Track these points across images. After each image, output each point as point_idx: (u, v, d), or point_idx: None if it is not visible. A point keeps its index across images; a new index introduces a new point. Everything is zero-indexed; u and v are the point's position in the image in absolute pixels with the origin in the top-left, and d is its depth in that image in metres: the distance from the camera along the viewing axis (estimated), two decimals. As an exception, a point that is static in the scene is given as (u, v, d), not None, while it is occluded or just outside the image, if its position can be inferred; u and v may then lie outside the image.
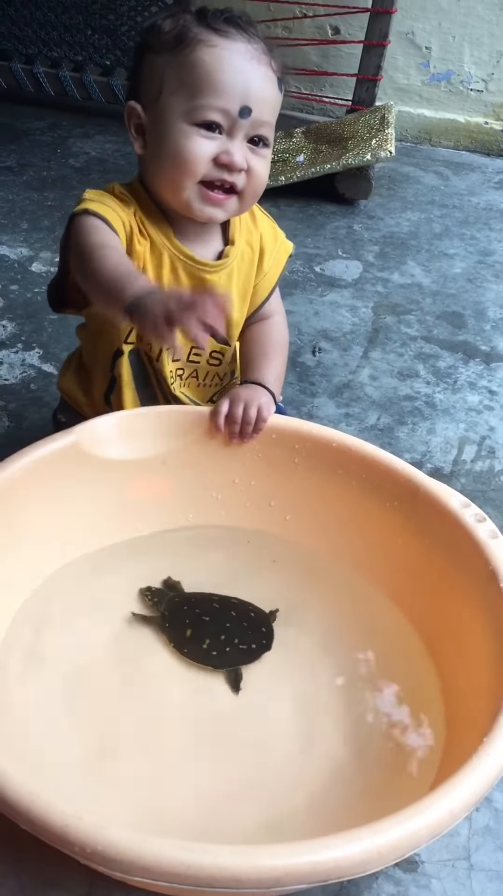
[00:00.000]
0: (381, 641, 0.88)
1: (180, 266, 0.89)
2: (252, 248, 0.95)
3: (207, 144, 0.81)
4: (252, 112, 0.81)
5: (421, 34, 2.28)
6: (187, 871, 0.54)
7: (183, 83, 0.81)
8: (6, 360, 1.34)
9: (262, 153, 0.85)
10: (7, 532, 0.83)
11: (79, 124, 2.26)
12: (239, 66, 0.80)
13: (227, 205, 0.85)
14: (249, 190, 0.85)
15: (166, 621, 0.87)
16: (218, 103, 0.80)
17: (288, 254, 0.99)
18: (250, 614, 0.90)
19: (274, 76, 0.83)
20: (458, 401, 1.36)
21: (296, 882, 0.55)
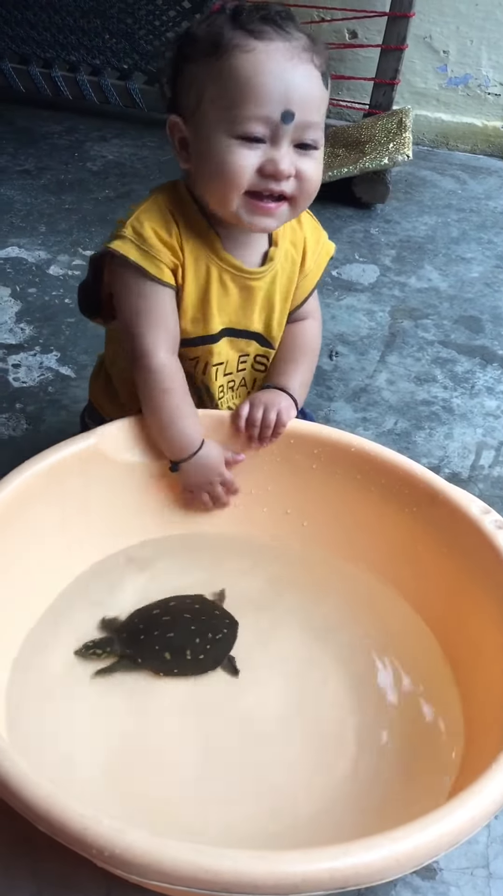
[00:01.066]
0: (400, 647, 0.87)
1: (228, 277, 0.87)
2: (296, 247, 0.92)
3: (251, 156, 0.77)
4: (296, 116, 0.76)
5: (438, 38, 2.27)
6: (205, 876, 0.54)
7: (221, 93, 0.77)
8: (24, 362, 1.35)
9: (312, 155, 0.80)
10: (25, 535, 0.84)
11: (96, 128, 2.27)
12: (277, 69, 0.75)
13: (278, 213, 0.81)
14: (301, 195, 0.81)
15: (138, 657, 0.84)
16: (258, 112, 0.76)
17: (329, 255, 0.96)
18: (195, 607, 0.90)
19: (317, 73, 0.77)
20: (476, 405, 1.35)
21: (313, 889, 0.55)
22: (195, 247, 0.85)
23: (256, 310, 0.91)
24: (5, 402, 1.25)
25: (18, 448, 1.16)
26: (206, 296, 0.87)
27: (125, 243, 0.83)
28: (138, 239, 0.83)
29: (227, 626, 0.88)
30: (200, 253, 0.86)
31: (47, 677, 0.82)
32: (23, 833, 0.67)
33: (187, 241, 0.85)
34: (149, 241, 0.83)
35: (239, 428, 0.92)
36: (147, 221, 0.84)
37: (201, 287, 0.87)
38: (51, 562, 0.88)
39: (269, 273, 0.90)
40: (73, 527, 0.90)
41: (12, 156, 2.08)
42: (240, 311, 0.90)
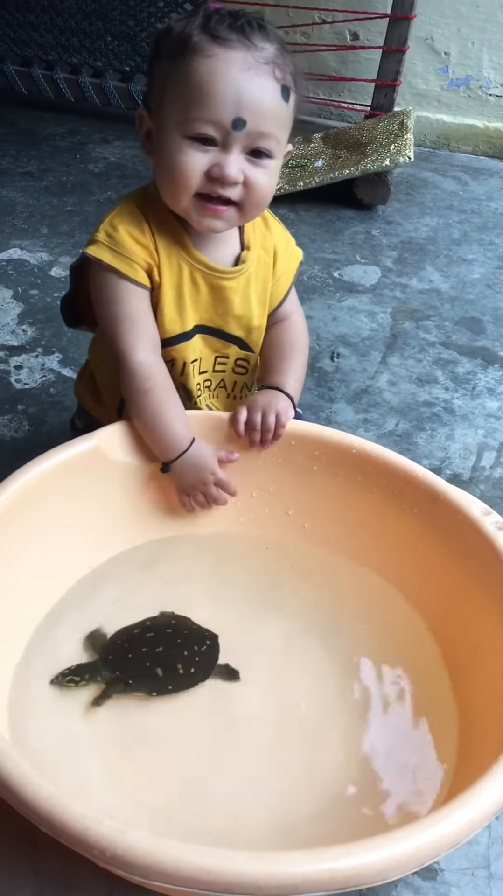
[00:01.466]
0: (400, 648, 0.88)
1: (199, 276, 0.88)
2: (267, 252, 0.94)
3: (200, 158, 0.79)
4: (247, 123, 0.78)
5: (440, 39, 2.27)
6: (206, 877, 0.54)
7: (178, 94, 0.78)
8: (26, 364, 1.35)
9: (264, 164, 0.81)
10: (27, 536, 0.84)
11: (98, 130, 2.28)
12: (232, 77, 0.76)
13: (225, 216, 0.83)
14: (249, 202, 0.82)
15: (128, 678, 0.82)
16: (209, 116, 0.77)
17: (298, 260, 0.98)
18: (173, 622, 0.88)
19: (276, 85, 0.78)
20: (477, 407, 1.35)
21: (314, 889, 0.55)
22: (168, 244, 0.87)
23: (231, 312, 0.91)
24: (7, 404, 1.26)
25: (20, 449, 1.16)
26: (180, 293, 0.88)
27: (99, 248, 0.85)
28: (111, 242, 0.85)
29: (208, 636, 0.87)
30: (172, 250, 0.87)
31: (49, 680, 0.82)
32: (25, 833, 0.67)
33: (160, 239, 0.86)
34: (122, 243, 0.85)
35: (239, 432, 0.92)
36: (120, 224, 0.85)
37: (175, 284, 0.88)
38: (52, 563, 0.89)
39: (242, 275, 0.91)
40: (75, 528, 0.90)
41: (14, 158, 2.08)
42: (211, 309, 0.91)
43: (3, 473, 0.84)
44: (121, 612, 0.89)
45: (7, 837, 0.73)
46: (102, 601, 0.90)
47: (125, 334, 0.86)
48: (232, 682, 0.84)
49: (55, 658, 0.84)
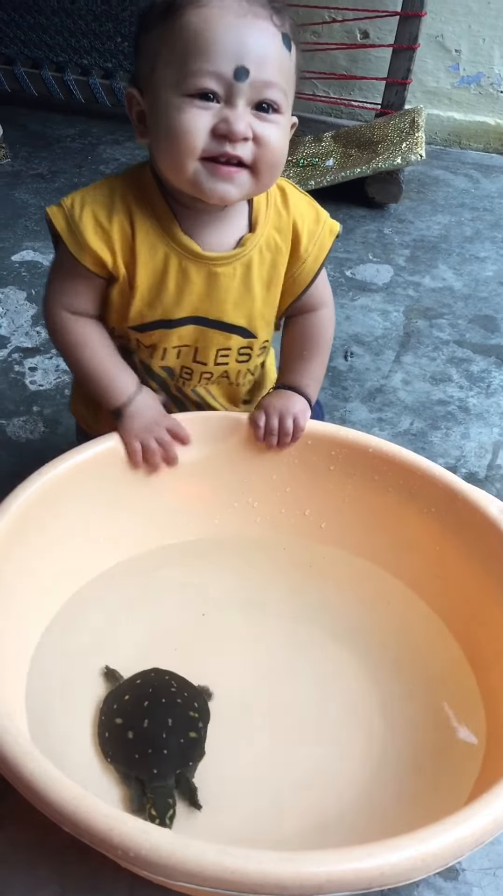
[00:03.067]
0: (419, 648, 0.87)
1: (189, 264, 0.83)
2: (281, 233, 0.86)
3: (203, 115, 0.72)
4: (250, 73, 0.71)
5: (450, 37, 2.26)
6: (231, 877, 0.54)
7: (172, 52, 0.72)
8: (41, 366, 1.36)
9: (272, 119, 0.74)
10: (44, 537, 0.84)
11: (109, 131, 2.28)
12: (230, 23, 0.71)
13: (237, 179, 0.75)
14: (262, 162, 0.75)
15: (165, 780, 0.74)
16: (209, 67, 0.71)
17: (334, 234, 0.89)
18: (163, 700, 0.80)
19: (276, 31, 0.72)
20: (492, 405, 1.35)
21: (338, 889, 0.55)
22: (150, 231, 0.82)
23: (229, 300, 0.86)
24: (23, 405, 1.26)
25: (36, 450, 1.17)
26: (162, 282, 0.83)
27: (59, 212, 0.81)
28: (71, 216, 0.81)
29: (198, 699, 0.81)
30: (157, 239, 0.82)
31: (68, 676, 0.82)
32: (47, 833, 0.68)
33: (141, 226, 0.81)
34: (81, 224, 0.80)
35: (258, 437, 0.92)
36: (90, 204, 0.81)
37: (157, 273, 0.83)
38: (70, 564, 0.89)
39: (240, 260, 0.84)
40: (92, 530, 0.90)
41: (26, 160, 2.09)
42: (206, 299, 0.85)
43: (20, 474, 0.84)
44: (135, 615, 0.90)
45: (30, 838, 0.73)
46: (117, 602, 0.90)
47: (55, 293, 0.85)
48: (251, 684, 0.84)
49: (69, 660, 0.84)
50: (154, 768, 0.74)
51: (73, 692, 0.81)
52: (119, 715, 0.79)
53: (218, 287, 0.85)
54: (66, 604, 0.89)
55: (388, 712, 0.82)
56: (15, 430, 1.21)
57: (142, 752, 0.75)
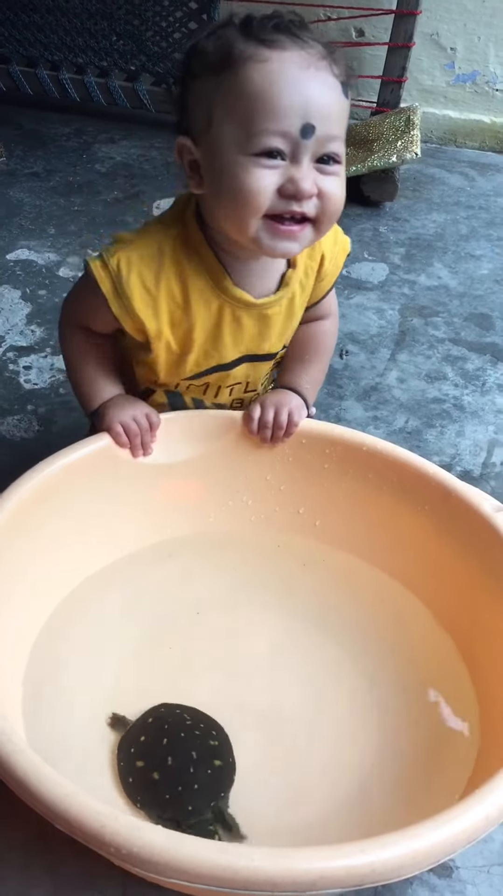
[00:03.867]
0: (413, 645, 0.88)
1: (242, 312, 0.84)
2: (313, 259, 0.87)
3: (269, 175, 0.71)
4: (317, 129, 0.70)
5: (446, 35, 2.26)
6: (223, 874, 0.54)
7: (234, 109, 0.71)
8: (35, 364, 1.35)
9: (334, 171, 0.74)
10: (38, 535, 0.84)
11: (104, 130, 2.28)
12: (294, 79, 0.69)
13: (301, 236, 0.75)
14: (324, 215, 0.75)
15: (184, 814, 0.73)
16: (276, 127, 0.69)
17: (346, 252, 0.90)
18: (182, 735, 0.78)
19: (336, 82, 0.71)
20: (487, 403, 1.35)
21: (331, 886, 0.55)
22: (204, 288, 0.82)
23: (276, 333, 0.88)
24: (17, 404, 1.26)
25: (30, 449, 1.16)
26: (218, 332, 0.85)
27: (106, 274, 0.80)
28: (118, 278, 0.80)
29: (214, 727, 0.80)
30: (211, 294, 0.82)
31: (63, 677, 0.82)
32: (40, 831, 0.68)
33: (193, 284, 0.82)
34: (128, 288, 0.80)
35: (251, 430, 0.92)
36: (137, 265, 0.80)
37: (213, 324, 0.84)
38: (64, 563, 0.89)
39: (286, 297, 0.86)
40: (85, 527, 0.90)
41: (21, 158, 2.08)
42: (257, 338, 0.87)
43: (15, 473, 0.84)
44: (129, 614, 0.90)
45: (23, 835, 0.73)
46: (112, 601, 0.91)
47: (76, 310, 0.88)
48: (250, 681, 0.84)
49: (64, 659, 0.84)
50: (189, 805, 0.72)
51: (68, 693, 0.81)
52: (139, 758, 0.76)
53: (268, 326, 0.87)
54: (61, 603, 0.89)
55: (383, 709, 0.82)
56: (9, 429, 1.21)
57: (172, 791, 0.73)
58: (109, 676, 0.83)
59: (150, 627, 0.89)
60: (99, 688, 0.82)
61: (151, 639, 0.88)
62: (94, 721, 0.79)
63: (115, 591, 0.91)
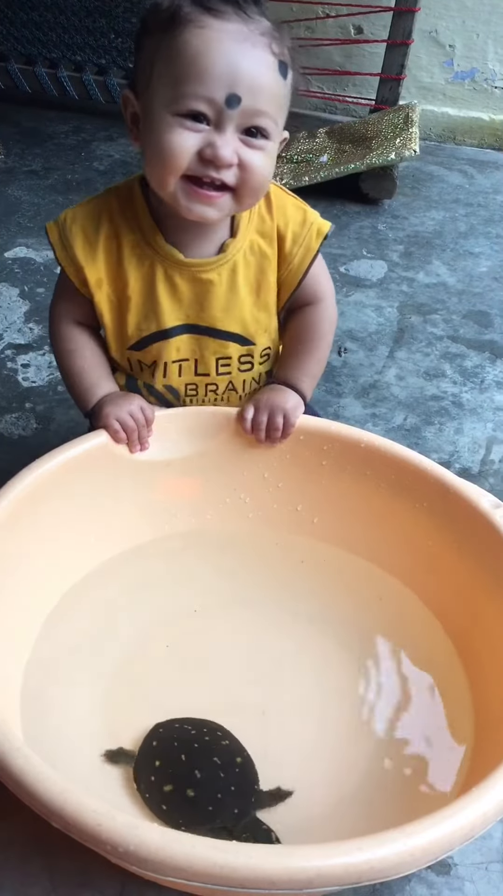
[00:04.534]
0: (411, 641, 0.87)
1: (175, 272, 0.85)
2: (265, 237, 0.86)
3: (191, 137, 0.73)
4: (242, 100, 0.72)
5: (444, 32, 2.26)
6: (220, 872, 0.54)
7: (168, 69, 0.72)
8: (33, 362, 1.35)
9: (260, 145, 0.75)
10: (35, 533, 0.84)
11: (102, 128, 2.28)
12: (227, 50, 0.71)
13: (219, 203, 0.77)
14: (246, 186, 0.76)
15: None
16: (201, 91, 0.71)
17: (321, 235, 0.88)
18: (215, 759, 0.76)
19: (273, 60, 0.73)
20: (486, 400, 1.35)
21: (328, 884, 0.55)
22: (136, 244, 0.85)
23: (218, 306, 0.87)
24: (15, 402, 1.26)
25: (28, 447, 1.16)
26: (152, 292, 0.86)
27: (55, 226, 0.86)
28: (63, 228, 0.85)
29: (218, 728, 0.79)
30: (144, 250, 0.85)
31: (60, 675, 0.82)
32: (38, 830, 0.68)
33: (127, 240, 0.84)
34: (71, 236, 0.84)
35: (245, 430, 0.92)
36: (80, 219, 0.85)
37: (147, 284, 0.85)
38: (61, 560, 0.89)
39: (224, 265, 0.85)
40: (83, 524, 0.90)
41: (19, 156, 2.08)
42: (195, 305, 0.87)
43: (12, 471, 0.83)
44: (126, 611, 0.90)
45: (21, 834, 0.73)
46: (109, 598, 0.90)
47: (58, 303, 0.91)
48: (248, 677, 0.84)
49: (61, 656, 0.84)
50: (234, 808, 0.72)
51: (65, 691, 0.81)
52: (166, 783, 0.74)
53: (205, 293, 0.86)
54: (59, 601, 0.89)
55: (381, 707, 0.82)
56: (7, 427, 1.21)
57: (212, 801, 0.72)
58: (106, 674, 0.83)
59: (147, 625, 0.89)
60: (96, 686, 0.82)
61: (149, 636, 0.87)
62: (92, 720, 0.79)
63: (111, 589, 0.91)
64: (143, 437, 0.90)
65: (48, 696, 0.80)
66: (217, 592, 0.92)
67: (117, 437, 0.89)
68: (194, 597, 0.92)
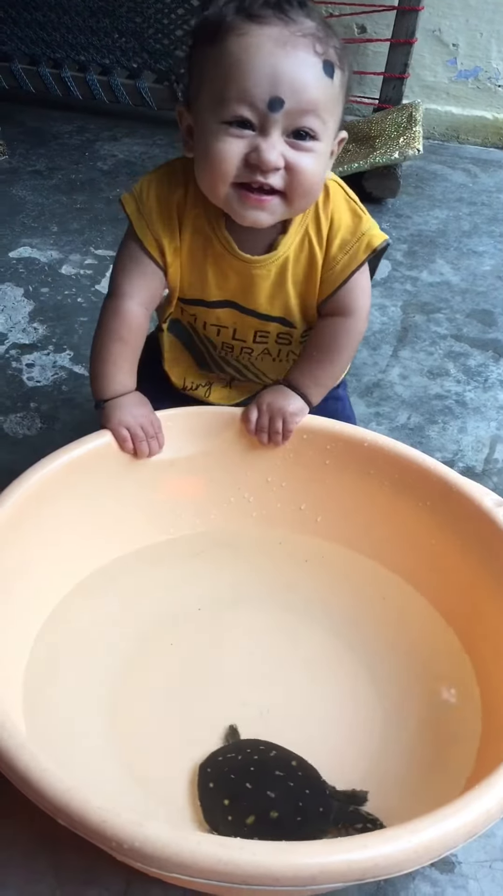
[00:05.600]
0: (416, 640, 0.88)
1: (225, 260, 0.86)
2: (318, 235, 0.86)
3: (236, 144, 0.74)
4: (286, 103, 0.72)
5: (448, 31, 2.26)
6: (224, 868, 0.54)
7: (212, 78, 0.74)
8: (38, 362, 1.36)
9: (308, 147, 0.75)
10: (39, 533, 0.84)
11: (106, 128, 2.28)
12: (267, 53, 0.71)
13: (269, 206, 0.78)
14: (295, 190, 0.77)
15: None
16: (244, 96, 0.72)
17: (371, 248, 0.86)
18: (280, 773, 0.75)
19: (317, 60, 0.73)
20: (489, 399, 1.35)
21: (331, 880, 0.55)
22: (198, 217, 0.85)
23: (263, 295, 0.88)
24: (20, 402, 1.26)
25: (33, 447, 1.17)
26: (202, 268, 0.87)
27: (129, 201, 0.86)
28: (139, 202, 0.85)
29: (249, 743, 0.78)
30: (204, 227, 0.85)
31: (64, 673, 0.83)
32: (43, 827, 0.68)
33: (192, 211, 0.85)
34: (148, 208, 0.85)
35: (249, 431, 0.93)
36: (154, 185, 0.85)
37: (198, 258, 0.87)
38: (66, 560, 0.89)
39: (274, 262, 0.86)
40: (87, 525, 0.90)
41: (23, 156, 2.09)
42: (239, 291, 0.89)
43: (17, 471, 0.84)
44: (131, 611, 0.90)
45: (27, 832, 0.73)
46: (113, 598, 0.91)
47: (127, 280, 0.88)
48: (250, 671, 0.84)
49: (65, 657, 0.84)
50: (319, 808, 0.71)
51: (68, 689, 0.81)
52: (245, 816, 0.70)
53: (251, 285, 0.88)
54: (63, 600, 0.89)
55: (385, 704, 0.82)
56: (12, 427, 1.21)
57: (298, 813, 0.71)
58: (111, 674, 0.83)
59: (151, 624, 0.89)
60: (100, 685, 0.82)
61: (153, 636, 0.88)
62: (97, 718, 0.79)
63: (116, 589, 0.91)
64: (152, 448, 0.91)
65: (51, 694, 0.80)
66: (221, 591, 0.93)
67: (125, 447, 0.89)
68: (198, 596, 0.92)
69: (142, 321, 0.89)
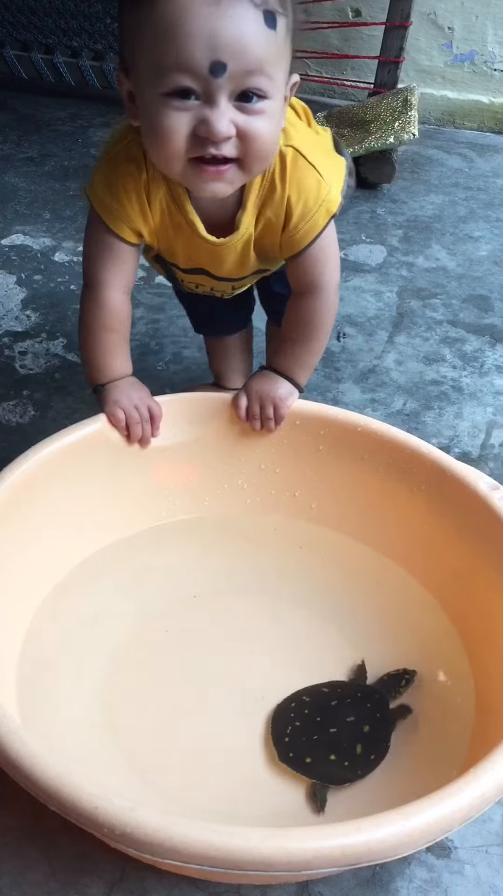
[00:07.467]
0: (411, 626, 0.87)
1: (195, 238, 0.84)
2: (274, 206, 0.83)
3: (182, 117, 0.69)
4: (228, 66, 0.66)
5: (443, 14, 2.24)
6: (216, 854, 0.54)
7: (146, 45, 0.67)
8: (31, 349, 1.35)
9: (258, 108, 0.69)
10: (32, 520, 0.84)
11: (100, 113, 2.26)
12: (202, 14, 0.64)
13: (227, 177, 0.73)
14: (249, 156, 0.72)
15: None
16: (183, 65, 0.66)
17: (330, 215, 0.83)
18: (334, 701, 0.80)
19: (257, 12, 0.66)
20: (486, 384, 1.34)
21: (325, 865, 0.55)
22: (165, 196, 0.82)
23: (233, 265, 0.89)
24: (12, 390, 1.25)
25: (26, 434, 1.16)
26: (173, 243, 0.87)
27: (94, 191, 0.83)
28: (105, 190, 0.82)
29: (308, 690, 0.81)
30: (170, 204, 0.83)
31: (58, 661, 0.82)
32: (37, 815, 0.68)
33: (157, 188, 0.82)
34: (116, 195, 0.81)
35: (240, 417, 0.92)
36: (118, 168, 0.81)
37: (169, 234, 0.86)
38: (58, 547, 0.89)
39: (238, 240, 0.85)
40: (80, 511, 0.90)
41: (16, 143, 2.07)
42: (209, 263, 0.89)
43: (9, 459, 0.83)
44: (125, 598, 0.89)
45: (19, 820, 0.73)
46: (107, 585, 0.90)
47: (103, 268, 0.86)
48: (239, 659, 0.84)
49: (59, 644, 0.83)
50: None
51: (63, 675, 0.81)
52: (329, 752, 0.76)
53: (220, 258, 0.88)
54: (56, 588, 0.89)
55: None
56: (4, 414, 1.20)
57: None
58: (106, 661, 0.83)
59: (146, 611, 0.89)
60: (95, 672, 0.82)
61: (148, 623, 0.87)
62: (91, 704, 0.79)
63: (110, 576, 0.91)
64: (146, 433, 0.90)
65: (45, 681, 0.80)
66: (215, 578, 0.92)
67: (118, 427, 0.89)
68: (193, 582, 0.92)
69: (126, 307, 0.89)
